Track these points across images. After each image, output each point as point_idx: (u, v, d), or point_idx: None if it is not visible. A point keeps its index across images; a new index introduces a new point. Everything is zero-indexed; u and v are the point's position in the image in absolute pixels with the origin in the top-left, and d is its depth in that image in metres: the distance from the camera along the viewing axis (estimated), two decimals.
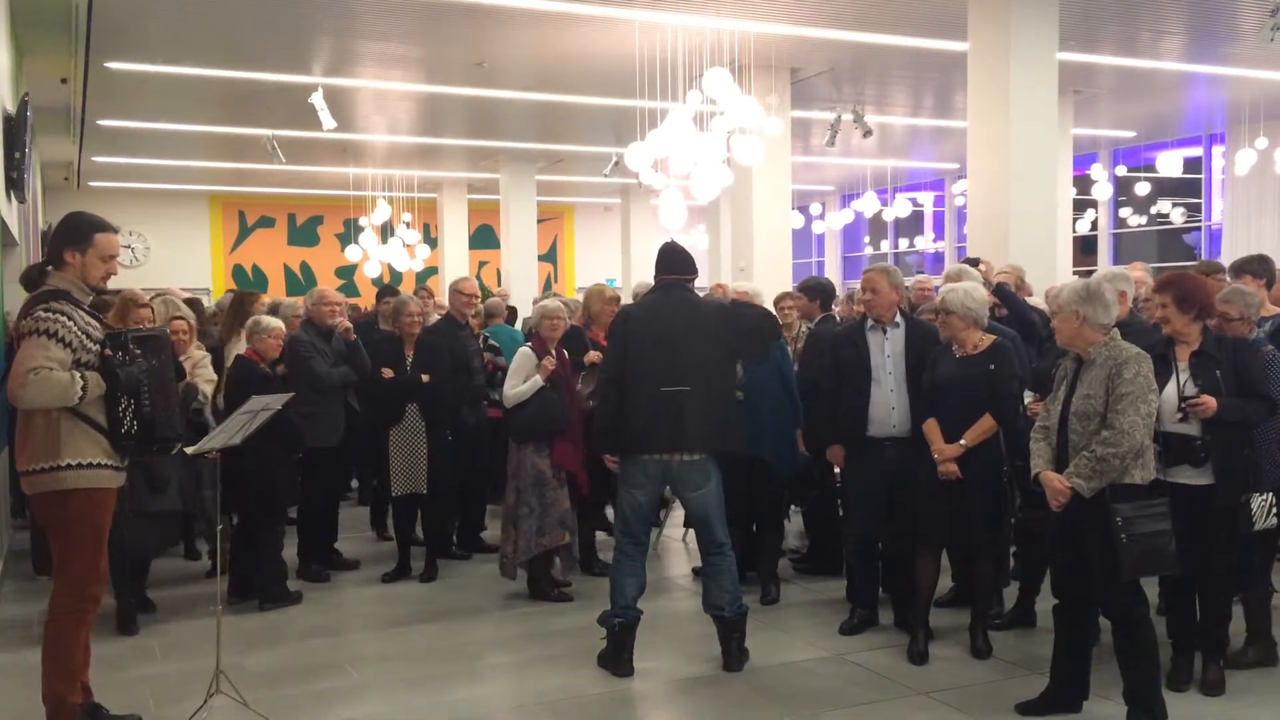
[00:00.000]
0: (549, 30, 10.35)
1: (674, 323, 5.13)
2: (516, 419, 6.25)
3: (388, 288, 10.07)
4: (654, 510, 5.63)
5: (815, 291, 7.22)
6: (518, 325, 9.89)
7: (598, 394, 5.54)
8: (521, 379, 6.24)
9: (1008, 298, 6.17)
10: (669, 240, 5.49)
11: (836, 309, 7.63)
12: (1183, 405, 4.54)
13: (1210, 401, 4.49)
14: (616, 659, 5.15)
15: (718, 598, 5.20)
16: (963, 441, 5.05)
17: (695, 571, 6.92)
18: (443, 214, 21.52)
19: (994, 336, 5.23)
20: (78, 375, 4.06)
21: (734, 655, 5.18)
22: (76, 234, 4.22)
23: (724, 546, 5.21)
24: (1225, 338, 4.78)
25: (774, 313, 6.09)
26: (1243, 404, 4.57)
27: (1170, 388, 4.60)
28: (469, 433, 7.21)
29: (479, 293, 7.84)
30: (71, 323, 4.09)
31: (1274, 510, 4.72)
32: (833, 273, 24.76)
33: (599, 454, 5.64)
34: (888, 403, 5.49)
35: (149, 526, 5.78)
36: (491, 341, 7.99)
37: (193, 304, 7.76)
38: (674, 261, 5.34)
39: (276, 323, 6.46)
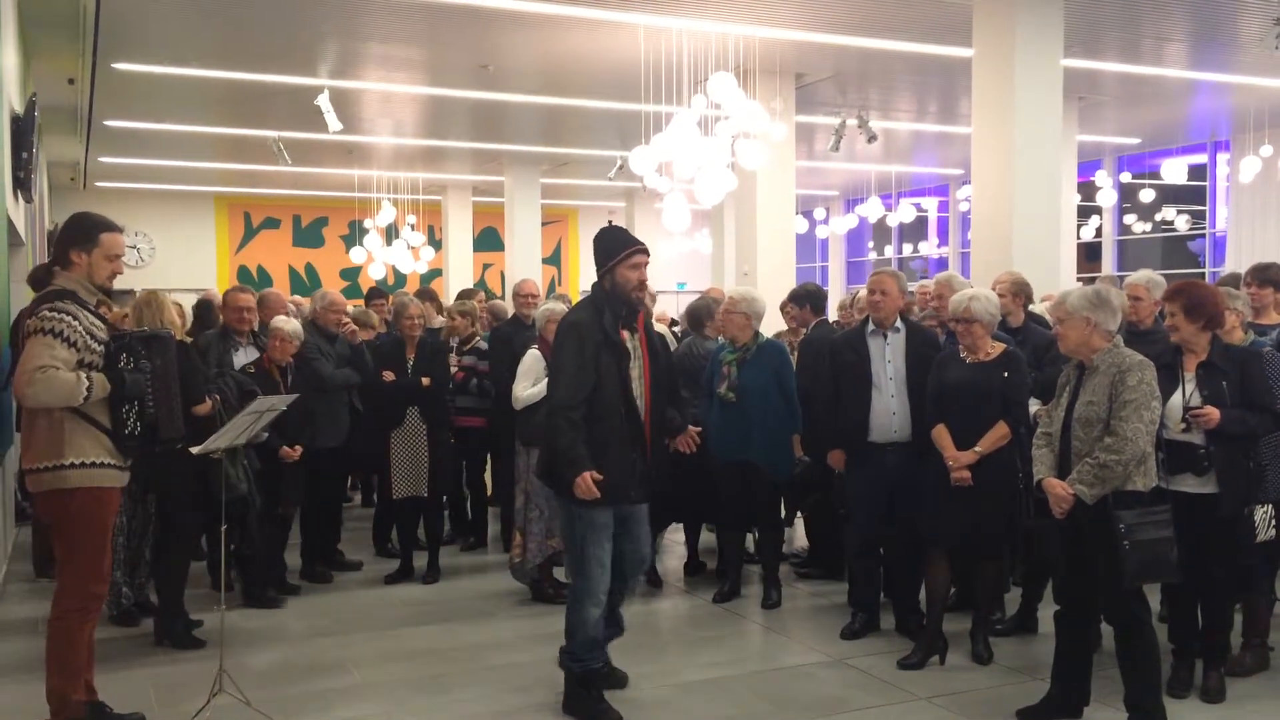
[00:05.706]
0: (554, 33, 10.37)
1: None
2: (528, 423, 6.12)
3: (375, 290, 10.08)
4: None
5: (805, 298, 6.99)
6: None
7: None
8: (531, 381, 6.16)
9: None
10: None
11: (834, 316, 7.61)
12: (1186, 416, 4.55)
13: (1213, 413, 4.50)
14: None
15: None
16: (977, 449, 5.03)
17: (686, 568, 6.97)
18: (447, 216, 21.54)
19: (1003, 345, 5.23)
20: (83, 376, 4.09)
21: None
22: (82, 234, 4.26)
23: None
24: (1234, 348, 4.78)
25: None
26: (1246, 416, 4.57)
27: (1176, 397, 4.60)
28: None
29: (539, 292, 7.84)
30: (77, 322, 4.12)
31: (1274, 522, 4.73)
32: (836, 277, 24.77)
33: None
34: (888, 408, 5.48)
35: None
36: (479, 344, 7.69)
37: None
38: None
39: (294, 325, 6.43)
